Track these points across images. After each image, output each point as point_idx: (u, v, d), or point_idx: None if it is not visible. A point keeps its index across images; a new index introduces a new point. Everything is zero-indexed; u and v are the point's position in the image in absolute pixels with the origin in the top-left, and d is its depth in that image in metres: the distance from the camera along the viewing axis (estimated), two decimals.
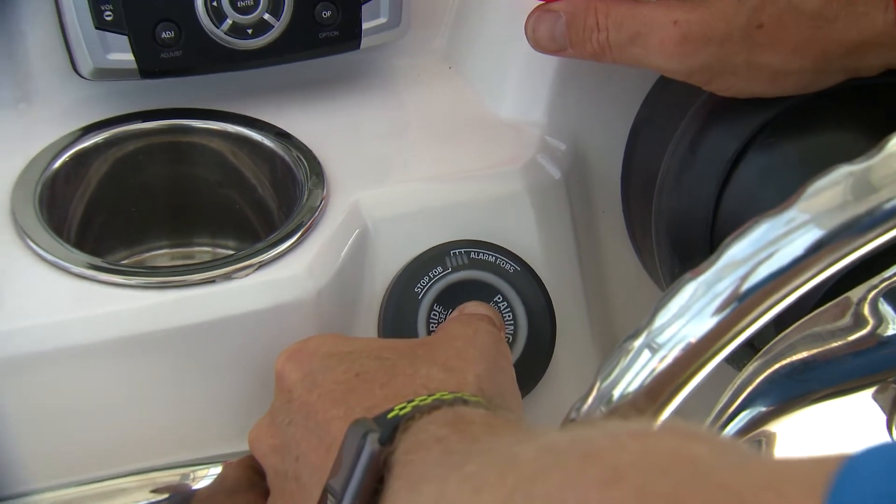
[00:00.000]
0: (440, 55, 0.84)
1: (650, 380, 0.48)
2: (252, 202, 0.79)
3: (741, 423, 0.55)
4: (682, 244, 0.68)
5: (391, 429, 0.51)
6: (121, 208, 0.79)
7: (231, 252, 0.73)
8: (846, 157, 0.48)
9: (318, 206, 0.71)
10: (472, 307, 0.68)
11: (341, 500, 0.50)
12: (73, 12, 0.74)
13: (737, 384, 0.55)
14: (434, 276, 0.70)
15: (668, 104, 0.72)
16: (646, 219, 0.72)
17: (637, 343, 0.49)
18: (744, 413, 0.55)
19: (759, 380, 0.55)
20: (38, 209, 0.70)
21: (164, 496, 0.65)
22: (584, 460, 0.40)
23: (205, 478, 0.65)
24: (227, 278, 0.67)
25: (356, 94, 0.82)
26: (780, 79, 0.62)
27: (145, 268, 0.76)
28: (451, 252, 0.71)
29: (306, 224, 0.70)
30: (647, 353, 0.48)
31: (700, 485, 0.37)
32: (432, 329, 0.69)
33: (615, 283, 0.78)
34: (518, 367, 0.69)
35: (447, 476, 0.45)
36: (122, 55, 0.75)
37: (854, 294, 0.55)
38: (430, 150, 0.77)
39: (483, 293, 0.70)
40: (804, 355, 0.55)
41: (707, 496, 0.36)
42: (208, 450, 0.67)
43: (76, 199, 0.76)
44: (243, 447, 0.64)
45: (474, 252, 0.71)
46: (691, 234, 0.68)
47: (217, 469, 0.66)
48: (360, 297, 0.71)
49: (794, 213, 0.47)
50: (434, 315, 0.70)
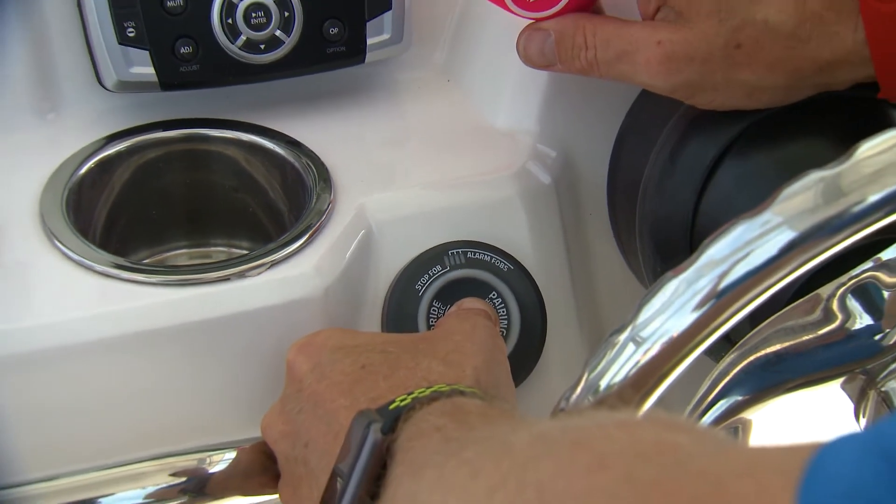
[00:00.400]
0: (439, 69, 0.84)
1: (635, 371, 0.48)
2: (264, 206, 0.79)
3: (719, 412, 0.55)
4: (664, 245, 0.68)
5: (393, 419, 0.51)
6: (142, 211, 0.79)
7: (245, 252, 0.73)
8: (817, 163, 0.48)
9: (326, 209, 0.71)
10: (470, 303, 0.68)
11: (347, 483, 0.50)
12: (98, 29, 0.74)
13: (715, 375, 0.55)
14: (433, 275, 0.70)
15: (651, 115, 0.72)
16: (630, 221, 0.72)
17: (622, 337, 0.49)
18: (721, 402, 0.55)
19: (735, 371, 0.55)
20: (65, 212, 0.70)
21: (183, 479, 0.65)
22: (574, 448, 0.40)
23: (220, 462, 0.65)
24: (241, 276, 0.67)
25: (361, 106, 0.81)
26: (756, 94, 0.62)
27: (165, 266, 0.76)
28: (450, 252, 0.70)
29: (314, 226, 0.70)
30: (631, 347, 0.48)
31: (681, 471, 0.36)
32: (432, 324, 0.69)
33: (602, 281, 0.78)
34: (511, 360, 0.69)
35: (446, 462, 0.45)
36: (143, 69, 0.75)
37: (824, 291, 0.55)
38: (430, 157, 0.77)
39: (479, 290, 0.70)
40: (777, 348, 0.55)
41: (688, 482, 0.36)
42: (223, 436, 0.67)
43: (101, 203, 0.76)
44: (256, 433, 0.64)
45: (471, 252, 0.71)
46: (672, 235, 0.68)
47: (232, 454, 0.65)
48: (365, 293, 0.71)
49: (769, 215, 0.47)
50: (434, 311, 0.69)
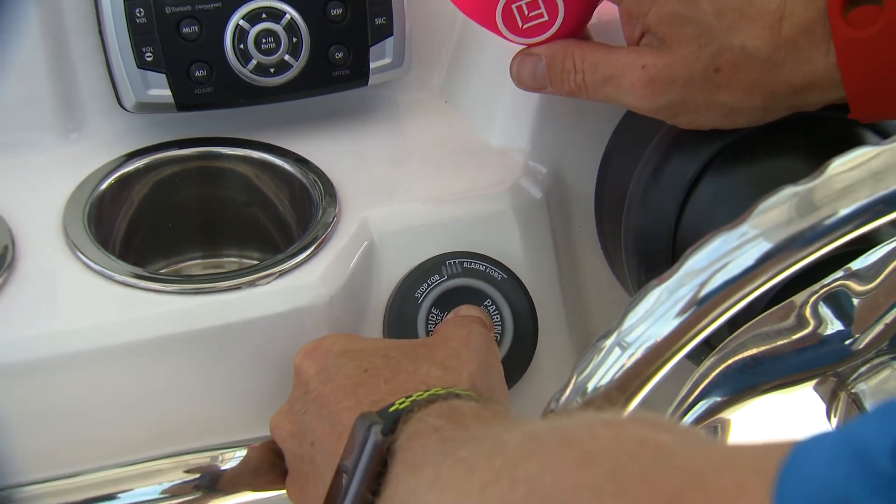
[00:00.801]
0: (438, 91, 0.84)
1: (620, 374, 0.48)
2: (274, 219, 0.79)
3: (699, 412, 0.55)
4: (648, 255, 0.68)
5: (393, 421, 0.50)
6: (159, 224, 0.78)
7: (255, 262, 0.73)
8: (791, 179, 0.47)
9: (331, 222, 0.71)
10: (466, 310, 0.68)
11: (351, 480, 0.50)
12: (118, 54, 0.74)
13: (695, 377, 0.55)
14: (432, 283, 0.70)
15: (635, 134, 0.72)
16: (616, 233, 0.72)
17: (609, 342, 0.48)
18: (702, 403, 0.55)
19: (714, 374, 0.55)
20: (86, 225, 0.70)
21: (197, 476, 0.64)
22: (563, 446, 0.40)
23: (232, 459, 0.65)
24: (251, 285, 0.67)
25: (364, 125, 0.81)
26: (734, 115, 0.62)
27: (181, 276, 0.76)
28: (447, 262, 0.70)
29: (320, 238, 0.70)
30: (617, 351, 0.48)
31: (664, 467, 0.36)
32: (430, 329, 0.69)
33: (590, 290, 0.77)
34: (504, 363, 0.69)
35: (443, 460, 0.45)
36: (160, 91, 0.75)
37: (798, 298, 0.55)
38: (429, 173, 0.77)
39: (475, 298, 0.70)
40: (754, 352, 0.55)
41: (670, 477, 0.35)
42: (234, 435, 0.66)
43: (120, 217, 0.76)
44: (265, 432, 0.63)
45: (467, 262, 0.70)
46: (656, 246, 0.67)
47: (243, 452, 0.65)
48: (368, 301, 0.70)
49: (746, 228, 0.47)
50: (432, 317, 0.69)
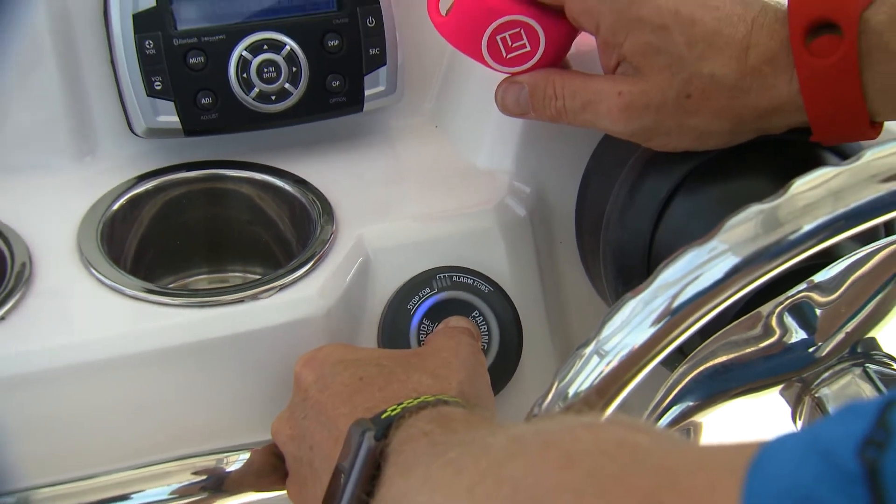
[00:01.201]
0: (428, 117, 0.84)
1: (599, 380, 0.48)
2: (275, 236, 0.78)
3: (673, 415, 0.55)
4: (625, 269, 0.68)
5: (385, 426, 0.50)
6: (168, 242, 0.78)
7: (258, 277, 0.73)
8: (757, 197, 0.47)
9: (329, 239, 0.71)
10: (455, 321, 0.68)
11: (347, 482, 0.50)
12: (129, 83, 0.74)
13: (669, 383, 0.55)
14: (423, 296, 0.70)
15: (612, 156, 0.72)
16: (595, 248, 0.72)
17: (588, 350, 0.48)
18: (675, 407, 0.55)
19: (687, 379, 0.55)
20: (99, 243, 0.70)
21: (203, 477, 0.64)
22: (545, 448, 0.40)
23: (236, 462, 0.64)
24: (254, 298, 0.67)
25: (360, 148, 0.81)
26: (704, 138, 0.62)
27: (188, 290, 0.76)
28: (437, 276, 0.70)
29: (319, 254, 0.70)
30: (596, 359, 0.48)
31: (640, 468, 0.36)
32: (422, 339, 0.69)
33: (571, 301, 0.77)
34: (491, 371, 0.69)
35: (432, 462, 0.45)
36: (169, 117, 0.75)
37: (764, 309, 0.55)
38: (421, 193, 0.77)
39: (463, 309, 0.70)
40: (724, 359, 0.55)
41: (646, 477, 0.35)
42: (238, 439, 0.66)
43: (131, 235, 0.75)
44: (267, 437, 0.63)
45: (456, 276, 0.70)
46: (632, 260, 0.67)
47: (246, 455, 0.65)
48: (363, 313, 0.70)
49: (715, 243, 0.47)
50: (423, 327, 0.69)
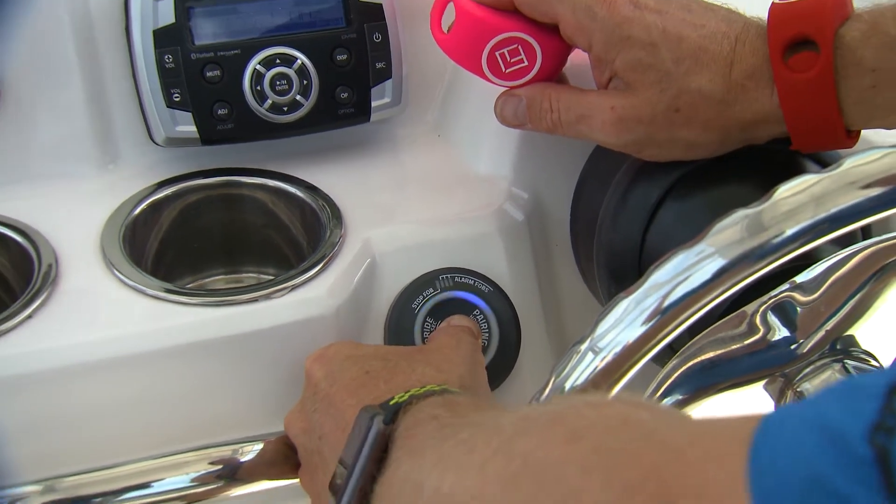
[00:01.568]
0: (431, 126, 0.84)
1: (593, 375, 0.48)
2: (287, 239, 0.78)
3: None
4: (617, 270, 0.68)
5: (393, 412, 0.50)
6: (186, 245, 0.78)
7: (271, 277, 0.73)
8: (742, 203, 0.47)
9: (338, 242, 0.71)
10: (457, 320, 0.68)
11: (354, 466, 0.50)
12: (149, 95, 0.74)
13: (660, 378, 0.55)
14: (427, 296, 0.69)
15: (605, 164, 0.72)
16: (589, 251, 0.72)
17: (583, 347, 0.48)
18: (665, 401, 0.54)
19: (676, 374, 0.55)
20: (121, 246, 0.70)
21: (219, 467, 0.64)
22: (552, 424, 0.40)
23: (250, 452, 0.64)
24: (267, 298, 0.67)
25: (367, 156, 0.81)
26: (693, 149, 0.62)
27: (205, 290, 0.76)
28: (440, 277, 0.70)
29: (328, 256, 0.69)
30: (591, 355, 0.48)
31: (644, 443, 0.36)
32: (426, 336, 0.69)
33: (566, 300, 0.77)
34: (491, 366, 0.69)
35: (443, 443, 0.45)
36: (187, 127, 0.75)
37: (749, 308, 0.55)
38: (424, 198, 0.77)
39: (465, 308, 0.70)
40: (711, 355, 0.55)
41: (650, 451, 0.35)
42: (252, 431, 0.66)
43: (152, 238, 0.75)
44: (279, 429, 0.63)
45: (458, 277, 0.70)
46: (624, 262, 0.67)
47: (259, 445, 0.65)
48: (370, 312, 0.70)
49: (703, 246, 0.47)
50: (427, 326, 0.69)
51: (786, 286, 0.54)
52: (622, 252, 0.67)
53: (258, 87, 0.75)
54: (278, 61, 0.75)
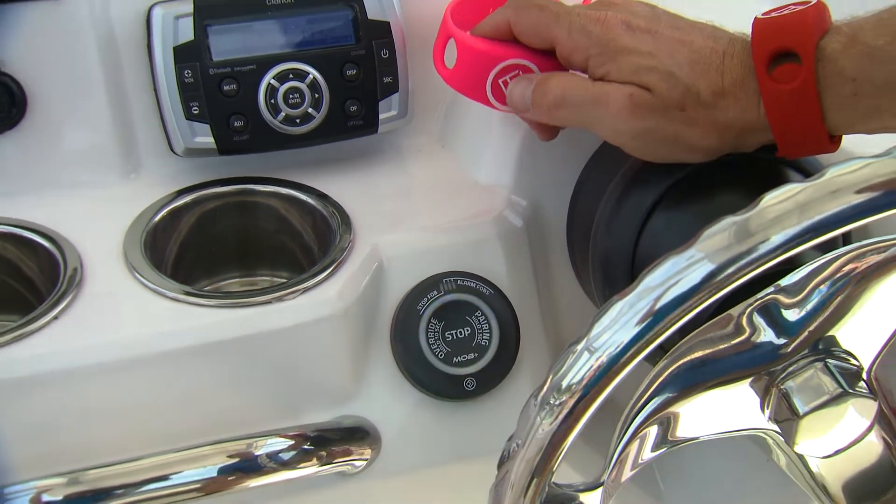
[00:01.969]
0: (435, 137, 0.84)
1: (589, 373, 0.48)
2: (299, 244, 0.78)
3: (655, 405, 0.54)
4: (611, 274, 0.68)
5: None
6: (204, 249, 0.78)
7: (284, 280, 0.73)
8: (730, 210, 0.47)
9: (347, 247, 0.71)
10: None
11: None
12: (170, 108, 0.74)
13: (651, 376, 0.54)
14: (431, 298, 0.69)
15: (600, 173, 0.72)
16: (585, 256, 0.72)
17: (579, 347, 0.48)
18: (657, 398, 0.54)
19: (667, 373, 0.54)
20: (143, 250, 0.70)
21: (236, 459, 0.64)
22: None
23: (265, 446, 0.64)
24: (280, 300, 0.67)
25: (375, 166, 0.81)
26: (692, 152, 0.62)
27: (222, 293, 0.76)
28: (444, 280, 0.70)
29: (338, 260, 0.69)
30: (586, 354, 0.48)
31: None
32: (430, 337, 0.69)
33: (563, 303, 0.77)
34: (491, 365, 0.69)
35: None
36: (205, 139, 0.75)
37: (735, 310, 0.54)
38: (428, 206, 0.77)
39: (466, 310, 0.70)
40: (700, 354, 0.55)
41: None
42: (266, 425, 0.66)
43: (171, 243, 0.75)
44: (292, 423, 0.63)
45: (460, 280, 0.70)
46: (617, 267, 0.67)
47: (274, 439, 0.65)
48: (377, 313, 0.70)
49: (693, 251, 0.47)
50: (431, 326, 0.69)
51: (771, 289, 0.54)
52: (616, 257, 0.67)
53: (272, 101, 0.75)
54: (291, 76, 0.75)
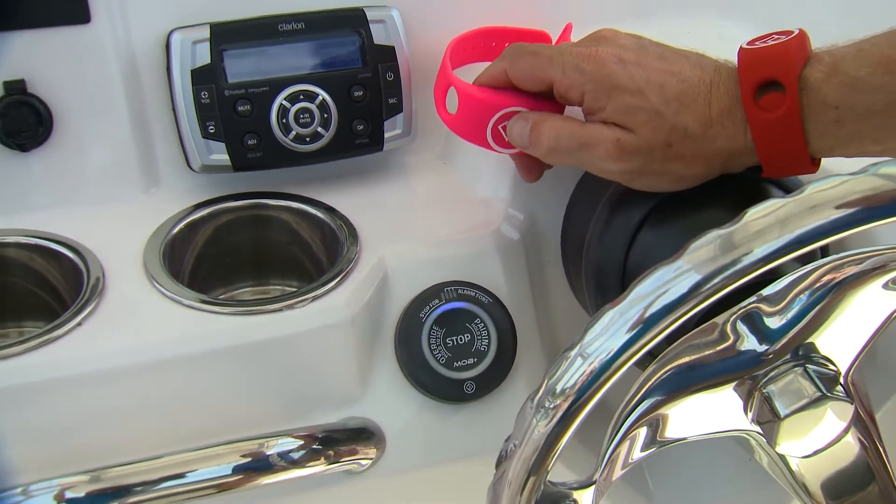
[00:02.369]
0: (437, 154, 0.84)
1: (582, 378, 0.48)
2: (308, 256, 0.78)
3: (644, 408, 0.54)
4: (603, 284, 0.68)
5: None
6: (219, 260, 0.78)
7: (294, 289, 0.73)
8: (716, 224, 0.47)
9: (354, 258, 0.71)
10: None
11: None
12: (187, 127, 0.74)
13: (641, 380, 0.54)
14: (433, 306, 0.70)
15: (593, 188, 0.72)
16: (578, 267, 0.72)
17: (573, 353, 0.48)
18: (646, 401, 0.54)
19: (656, 377, 0.54)
20: (161, 261, 0.70)
21: (249, 459, 0.64)
22: None
23: (276, 446, 0.64)
24: (291, 307, 0.67)
25: (380, 182, 0.82)
26: (680, 181, 0.62)
27: (236, 301, 0.76)
28: (445, 289, 0.70)
29: (345, 271, 0.70)
30: (580, 360, 0.48)
31: None
32: (433, 343, 0.69)
33: (557, 311, 0.77)
34: (489, 370, 0.69)
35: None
36: (220, 156, 0.75)
37: (720, 318, 0.54)
38: (431, 219, 0.77)
39: (466, 317, 0.70)
40: (687, 360, 0.55)
41: None
42: (278, 426, 0.66)
43: (188, 254, 0.75)
44: (302, 424, 0.63)
45: (460, 289, 0.70)
46: (609, 277, 0.67)
47: (285, 439, 0.65)
48: (382, 320, 0.70)
49: (681, 263, 0.47)
50: (433, 333, 0.69)
51: (754, 298, 0.54)
52: (607, 268, 0.67)
53: (284, 120, 0.75)
54: (302, 97, 0.75)
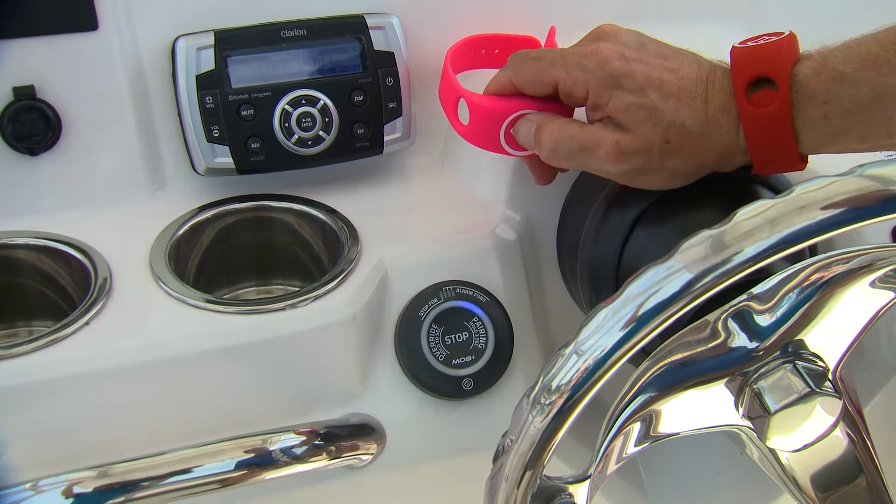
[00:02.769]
0: (437, 157, 0.84)
1: (577, 375, 0.47)
2: (310, 256, 0.78)
3: (637, 404, 0.54)
4: (597, 283, 0.68)
5: None
6: (223, 260, 0.78)
7: (296, 289, 0.73)
8: (707, 224, 0.47)
9: (354, 258, 0.70)
10: None
11: None
12: (192, 132, 0.74)
13: (634, 377, 0.54)
14: (432, 305, 0.69)
15: (587, 189, 0.71)
16: (573, 266, 0.72)
17: (568, 350, 0.48)
18: (640, 397, 0.54)
19: (649, 374, 0.54)
20: (167, 262, 0.70)
21: (252, 454, 0.63)
22: None
23: (278, 442, 0.64)
24: (293, 307, 0.66)
25: (381, 184, 0.81)
26: (676, 177, 0.61)
27: (240, 300, 0.75)
28: (443, 288, 0.70)
29: (346, 271, 0.69)
30: (575, 357, 0.47)
31: None
32: (431, 341, 0.68)
33: (553, 309, 0.77)
34: (487, 367, 0.69)
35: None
36: (224, 159, 0.75)
37: (711, 316, 0.54)
38: (430, 220, 0.76)
39: (464, 316, 0.69)
40: (679, 357, 0.54)
41: None
42: (280, 422, 0.66)
43: (193, 255, 0.75)
44: (304, 420, 0.63)
45: (459, 288, 0.70)
46: (603, 276, 0.67)
47: (288, 435, 0.64)
48: (382, 319, 0.70)
49: (673, 262, 0.47)
50: (432, 331, 0.69)
51: (744, 296, 0.54)
52: (602, 267, 0.67)
53: (286, 124, 0.75)
54: (304, 102, 0.75)
